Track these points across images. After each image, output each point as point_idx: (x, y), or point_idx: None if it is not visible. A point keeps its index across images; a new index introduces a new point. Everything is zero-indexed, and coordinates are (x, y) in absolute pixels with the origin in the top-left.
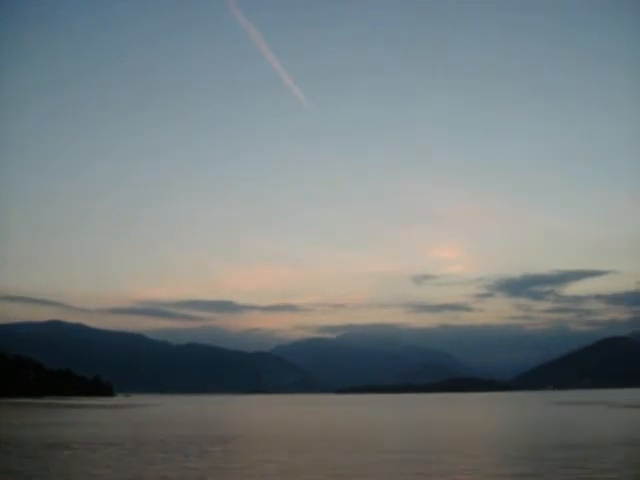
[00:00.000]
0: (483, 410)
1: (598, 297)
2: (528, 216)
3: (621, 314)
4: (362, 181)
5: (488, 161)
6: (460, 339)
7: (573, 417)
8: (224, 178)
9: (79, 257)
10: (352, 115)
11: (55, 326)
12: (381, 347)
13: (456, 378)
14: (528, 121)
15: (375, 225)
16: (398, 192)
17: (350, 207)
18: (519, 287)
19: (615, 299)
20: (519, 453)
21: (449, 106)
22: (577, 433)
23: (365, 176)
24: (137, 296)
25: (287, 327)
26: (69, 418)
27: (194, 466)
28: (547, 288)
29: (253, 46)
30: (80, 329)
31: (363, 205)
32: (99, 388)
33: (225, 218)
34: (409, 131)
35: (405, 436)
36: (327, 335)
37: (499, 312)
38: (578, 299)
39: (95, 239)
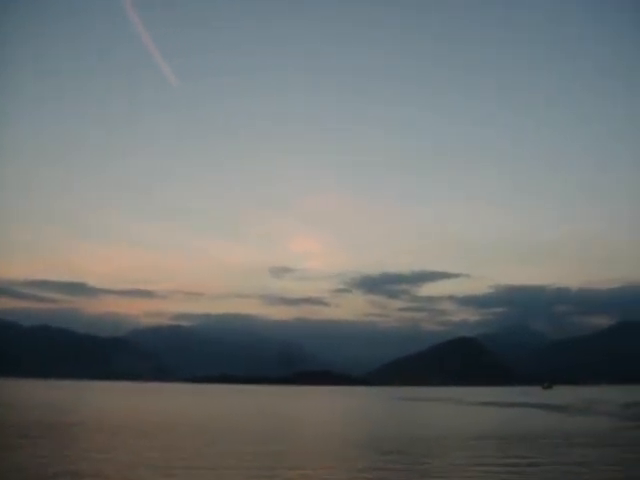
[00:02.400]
0: (334, 403)
1: (451, 298)
2: (389, 215)
3: (471, 316)
4: (226, 168)
5: (354, 157)
6: (316, 333)
7: (420, 413)
8: (86, 155)
9: None
10: (221, 96)
11: None
12: (237, 338)
13: (311, 371)
14: (399, 119)
15: (236, 214)
16: (263, 181)
17: (212, 193)
18: (376, 285)
19: (466, 301)
20: (360, 448)
21: (325, 91)
22: (421, 428)
23: (229, 163)
24: None
25: (142, 313)
26: None
27: None
28: (403, 287)
29: (125, 20)
30: None
31: (225, 192)
32: None
33: (82, 198)
34: (278, 116)
35: (248, 427)
36: (183, 323)
37: (355, 308)
38: (432, 299)
39: None
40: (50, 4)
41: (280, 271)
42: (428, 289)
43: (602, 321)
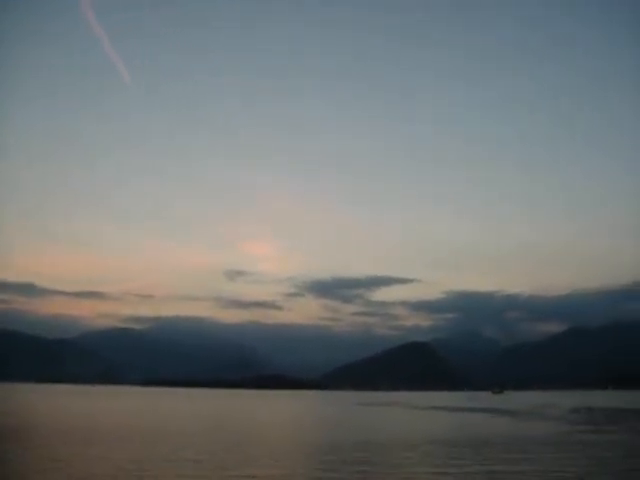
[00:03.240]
0: (286, 407)
1: (403, 303)
2: (343, 220)
3: (423, 321)
4: (180, 170)
5: (309, 162)
6: (269, 337)
7: (371, 417)
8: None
9: None
10: (177, 98)
11: None
12: (190, 341)
13: (264, 375)
14: (359, 123)
15: (190, 215)
16: (217, 183)
17: (165, 194)
18: (329, 289)
19: (419, 306)
20: (307, 452)
21: (283, 92)
22: (375, 432)
23: (183, 165)
24: None
25: (93, 315)
26: None
27: None
28: (356, 292)
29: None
30: None
31: (180, 194)
32: None
33: (32, 198)
34: (236, 118)
35: (201, 430)
36: (134, 326)
37: (308, 312)
38: (385, 304)
39: None
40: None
41: (234, 274)
42: (381, 294)
43: (552, 327)
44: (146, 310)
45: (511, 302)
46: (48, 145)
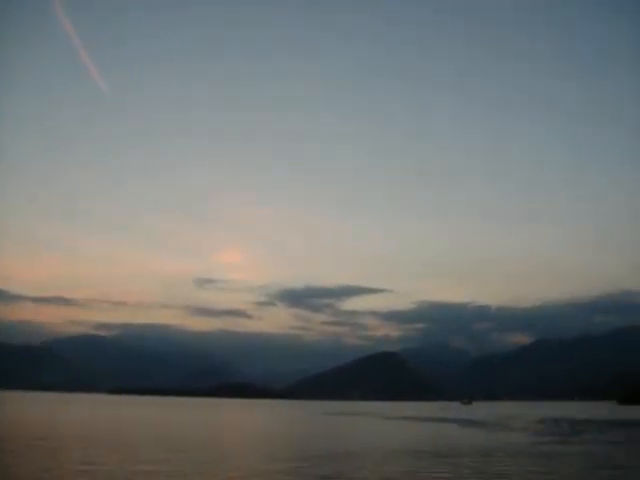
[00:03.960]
0: (255, 417)
1: (373, 313)
2: (314, 229)
3: (393, 331)
4: (151, 177)
5: (280, 171)
6: (239, 345)
7: (341, 427)
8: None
9: None
10: (147, 105)
11: None
12: (159, 348)
13: (234, 384)
14: (325, 132)
15: (161, 222)
16: (189, 190)
17: (137, 202)
18: (300, 298)
19: (389, 316)
20: (288, 460)
21: (248, 102)
22: (341, 442)
23: (155, 172)
24: None
25: (61, 321)
26: None
27: None
28: (327, 301)
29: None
30: None
31: (151, 201)
32: None
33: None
34: (207, 127)
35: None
36: (103, 332)
37: (278, 321)
38: (355, 314)
39: None
40: None
41: (204, 282)
42: (351, 303)
43: (521, 339)
44: (116, 317)
45: (481, 313)
46: (16, 150)
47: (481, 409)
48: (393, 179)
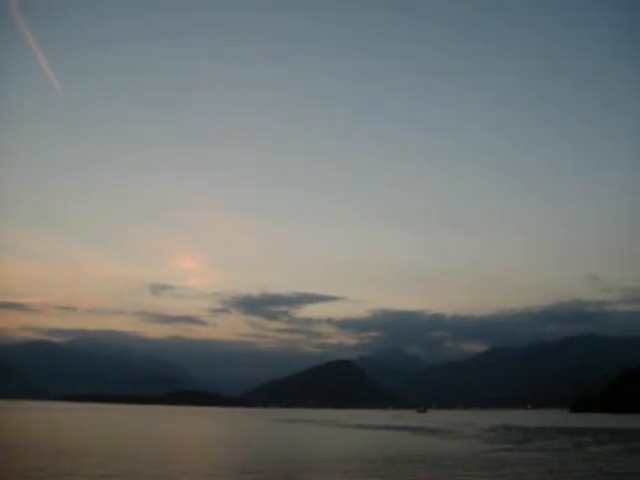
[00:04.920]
0: (208, 424)
1: (329, 321)
2: (271, 236)
3: (349, 339)
4: (108, 179)
5: (238, 177)
6: (193, 352)
7: (295, 434)
8: None
9: None
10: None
11: None
12: (112, 355)
13: (187, 391)
14: (282, 139)
15: (117, 227)
16: (146, 195)
17: (93, 205)
18: (255, 305)
19: (344, 324)
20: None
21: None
22: (295, 450)
23: (112, 175)
24: None
25: (12, 327)
26: None
27: None
28: (282, 309)
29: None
30: None
31: (108, 205)
32: None
33: None
34: (166, 132)
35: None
36: (55, 339)
37: (233, 328)
38: (310, 321)
39: None
40: None
41: (159, 288)
42: (307, 311)
43: (475, 347)
44: (69, 323)
45: (436, 321)
46: None
47: (436, 417)
48: (348, 187)
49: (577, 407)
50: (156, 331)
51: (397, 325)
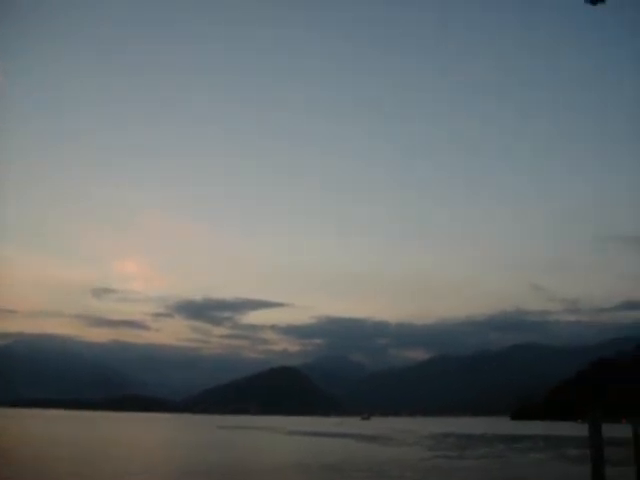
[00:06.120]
0: (150, 430)
1: (273, 327)
2: (218, 241)
3: (293, 345)
4: (52, 180)
5: (185, 180)
6: (135, 357)
7: (234, 441)
8: None
9: None
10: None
11: None
12: (53, 359)
13: (128, 396)
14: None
15: (59, 228)
16: (91, 197)
17: (35, 205)
18: (199, 310)
19: (288, 330)
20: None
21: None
22: (230, 457)
23: (56, 175)
24: None
25: None
26: None
27: None
28: (226, 314)
29: None
30: None
31: (51, 206)
32: None
33: None
34: (113, 130)
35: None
36: None
37: (176, 333)
38: (254, 327)
39: None
40: None
41: (102, 291)
42: (251, 317)
43: (419, 355)
44: (7, 326)
45: (380, 329)
46: None
47: (379, 424)
48: (296, 194)
49: (518, 415)
50: (98, 335)
51: (341, 332)
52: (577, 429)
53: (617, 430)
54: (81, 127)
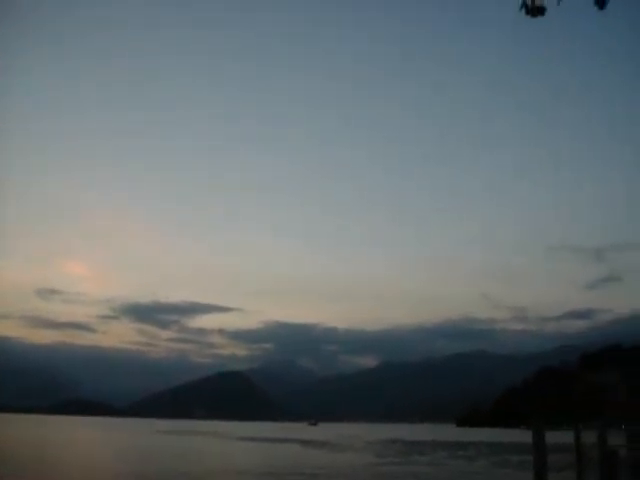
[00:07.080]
0: (93, 435)
1: (221, 332)
2: (167, 243)
3: (240, 350)
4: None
5: (136, 180)
6: (80, 360)
7: (181, 446)
8: None
9: None
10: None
11: None
12: None
13: (71, 401)
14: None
15: (2, 228)
16: (38, 197)
17: None
18: (146, 313)
19: (236, 335)
20: None
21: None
22: (171, 464)
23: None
24: None
25: None
26: None
27: None
28: (174, 318)
29: None
30: None
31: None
32: None
33: None
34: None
35: None
36: None
37: (123, 336)
38: (202, 332)
39: None
40: None
41: (47, 292)
42: (199, 321)
43: (367, 361)
44: None
45: (329, 335)
46: None
47: (326, 430)
48: (245, 197)
49: (464, 422)
50: (43, 337)
51: (290, 337)
52: (521, 436)
53: (559, 437)
54: (32, 123)
